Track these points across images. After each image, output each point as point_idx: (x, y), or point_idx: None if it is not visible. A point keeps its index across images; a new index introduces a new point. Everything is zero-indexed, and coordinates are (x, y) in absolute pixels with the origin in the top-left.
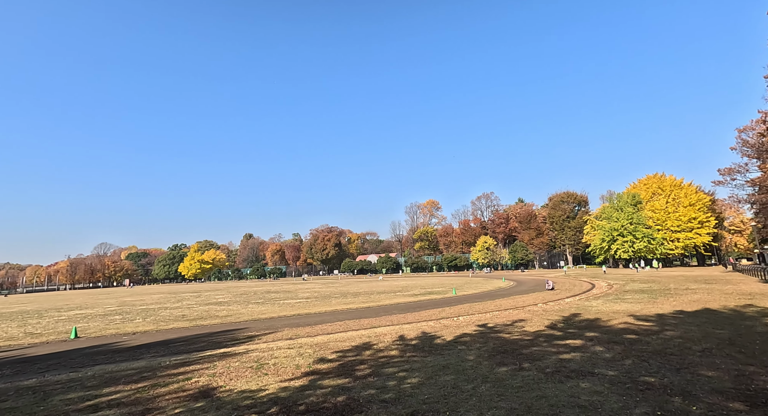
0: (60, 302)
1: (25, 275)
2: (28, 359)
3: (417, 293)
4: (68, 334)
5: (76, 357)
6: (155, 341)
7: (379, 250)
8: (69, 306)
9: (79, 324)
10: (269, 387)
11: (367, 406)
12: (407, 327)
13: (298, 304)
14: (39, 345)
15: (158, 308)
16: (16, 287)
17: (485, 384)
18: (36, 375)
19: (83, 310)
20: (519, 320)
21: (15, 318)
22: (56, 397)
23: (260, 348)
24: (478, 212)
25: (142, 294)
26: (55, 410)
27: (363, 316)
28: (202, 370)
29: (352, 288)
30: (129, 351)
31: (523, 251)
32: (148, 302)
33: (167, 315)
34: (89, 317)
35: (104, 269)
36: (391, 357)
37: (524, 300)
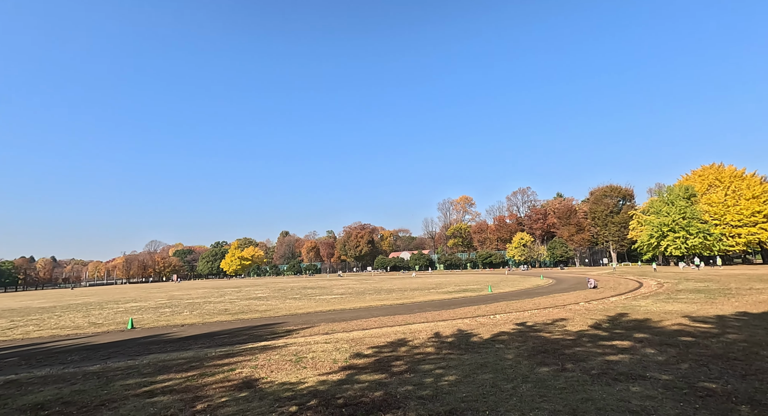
0: (117, 295)
1: (87, 270)
2: (92, 346)
3: (451, 291)
4: (125, 325)
5: (132, 346)
6: (201, 333)
7: (411, 247)
8: (125, 299)
9: (135, 316)
10: (308, 380)
11: (404, 402)
12: (442, 324)
13: (334, 300)
14: (101, 334)
15: (203, 302)
16: (81, 281)
17: (526, 384)
18: (99, 361)
19: (137, 303)
20: (560, 319)
21: (80, 309)
22: (117, 382)
23: (298, 342)
24: (514, 207)
25: (188, 289)
26: (117, 394)
27: (397, 313)
28: (245, 362)
29: (386, 285)
30: (178, 341)
31: (562, 248)
32: (193, 296)
33: (211, 308)
34: (143, 309)
35: (154, 265)
36: (427, 354)
37: (564, 299)
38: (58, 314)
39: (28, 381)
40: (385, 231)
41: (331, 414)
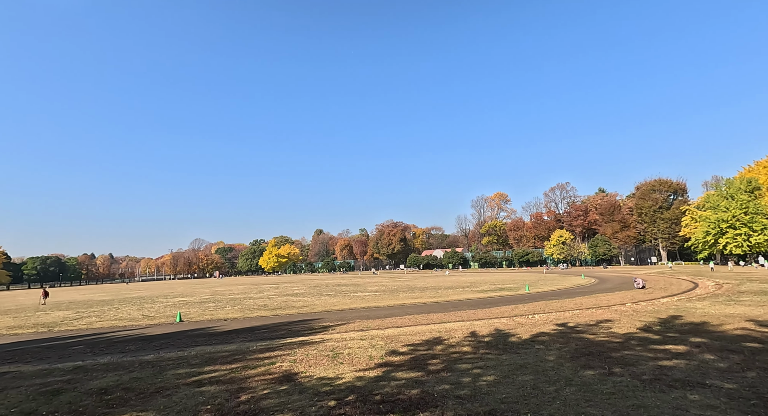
0: (166, 290)
1: (140, 267)
2: (146, 337)
3: (486, 289)
4: (174, 318)
5: (181, 338)
6: (243, 327)
7: (444, 245)
8: (173, 294)
9: (182, 310)
10: (345, 376)
11: (442, 401)
12: (478, 323)
13: (368, 297)
14: (153, 326)
15: (243, 298)
16: (134, 277)
17: (569, 387)
18: (153, 351)
19: (184, 297)
20: (604, 320)
21: (135, 302)
22: (169, 371)
23: (334, 338)
24: (552, 204)
25: (230, 285)
26: (169, 382)
27: (431, 311)
28: (284, 356)
29: (419, 283)
30: (222, 335)
31: (605, 246)
32: (234, 292)
33: (251, 304)
34: (189, 304)
35: (198, 262)
36: (464, 353)
37: (609, 299)
38: (116, 306)
39: (93, 368)
40: (418, 229)
41: (369, 410)
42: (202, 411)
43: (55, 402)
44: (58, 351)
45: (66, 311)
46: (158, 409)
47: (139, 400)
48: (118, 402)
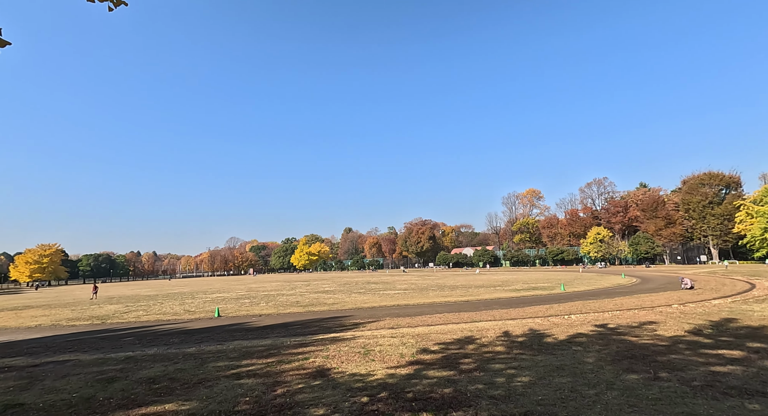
0: (204, 286)
1: (180, 264)
2: (187, 331)
3: (519, 289)
4: (213, 313)
5: (220, 333)
6: (277, 323)
7: (474, 243)
8: (211, 290)
9: (220, 305)
10: (377, 373)
11: (475, 401)
12: (511, 323)
13: (397, 295)
14: (194, 320)
15: (277, 295)
16: (176, 273)
17: (611, 392)
18: (194, 344)
19: (221, 294)
20: (648, 322)
21: (177, 297)
22: (210, 364)
23: (365, 335)
24: (589, 200)
25: (263, 282)
26: (210, 374)
27: (462, 310)
28: (317, 352)
29: (449, 281)
30: (258, 330)
31: (647, 244)
32: (268, 288)
33: (284, 300)
34: (226, 299)
35: (234, 260)
36: (497, 353)
37: (653, 300)
38: (160, 301)
39: (142, 358)
40: (447, 227)
41: (402, 407)
42: (241, 403)
43: (110, 388)
44: (111, 341)
45: (117, 305)
46: (201, 399)
47: (184, 390)
48: (165, 391)
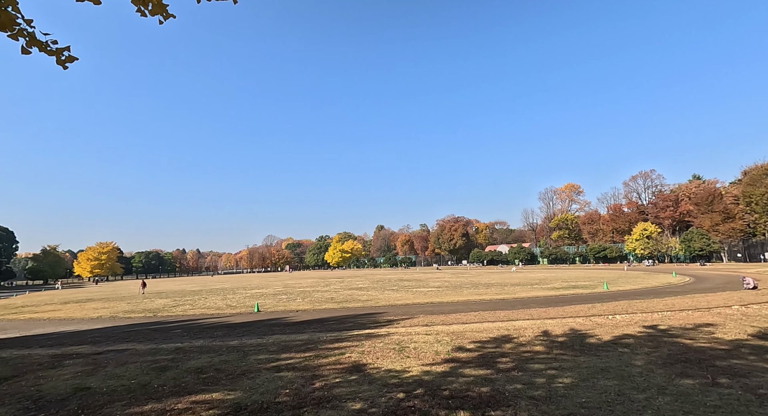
0: (244, 282)
1: (221, 261)
2: (230, 325)
3: (558, 287)
4: (253, 308)
5: (260, 327)
6: (313, 319)
7: (509, 240)
8: (250, 286)
9: (259, 301)
10: (412, 370)
11: (514, 401)
12: (551, 322)
13: (430, 292)
14: (235, 315)
15: (312, 291)
16: (217, 270)
17: (663, 397)
18: (237, 338)
19: (260, 289)
20: (705, 324)
21: (219, 293)
22: (251, 356)
23: (400, 332)
24: (634, 194)
25: (299, 278)
26: (252, 366)
27: (498, 308)
28: (353, 347)
29: (483, 279)
30: (295, 325)
31: (702, 241)
32: (303, 285)
33: (320, 296)
34: (264, 295)
35: (271, 257)
36: (536, 353)
37: (709, 300)
38: (204, 296)
39: (190, 349)
40: (481, 224)
41: (438, 404)
42: (281, 395)
43: (162, 377)
44: (162, 333)
45: (166, 299)
46: (245, 389)
47: (229, 380)
48: (212, 380)
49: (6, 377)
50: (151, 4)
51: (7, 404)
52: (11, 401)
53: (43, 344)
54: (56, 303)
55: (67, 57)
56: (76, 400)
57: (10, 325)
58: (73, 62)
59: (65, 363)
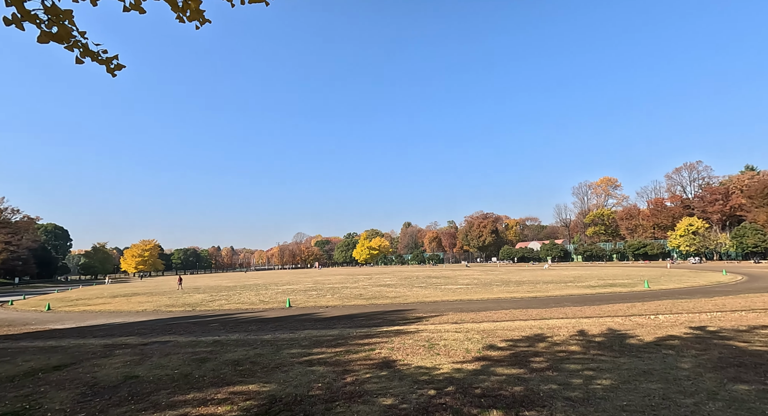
0: (276, 278)
1: (254, 257)
2: (263, 319)
3: (594, 285)
4: (284, 303)
5: (291, 322)
6: (342, 314)
7: (541, 236)
8: (281, 282)
9: (290, 296)
10: (443, 367)
11: (549, 401)
12: (587, 321)
13: (459, 290)
14: (268, 310)
15: (341, 287)
16: (250, 266)
17: (714, 402)
18: (270, 332)
19: (290, 285)
20: (761, 326)
21: (252, 288)
22: (284, 350)
23: (429, 329)
24: (677, 187)
25: (328, 275)
26: (285, 360)
27: (530, 306)
28: (382, 343)
29: (514, 276)
30: (325, 320)
31: (756, 236)
32: (333, 281)
33: (348, 293)
34: (295, 291)
35: (300, 254)
36: (571, 353)
37: (766, 301)
38: (238, 292)
39: (227, 342)
40: (511, 220)
41: (470, 402)
42: (314, 388)
43: (203, 367)
44: (201, 326)
45: (203, 294)
46: (279, 382)
47: (264, 373)
48: (248, 373)
49: (66, 364)
50: (189, 10)
51: (68, 388)
52: (71, 386)
53: (96, 334)
54: (106, 297)
55: (115, 65)
56: (126, 387)
57: (67, 316)
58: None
59: (116, 352)
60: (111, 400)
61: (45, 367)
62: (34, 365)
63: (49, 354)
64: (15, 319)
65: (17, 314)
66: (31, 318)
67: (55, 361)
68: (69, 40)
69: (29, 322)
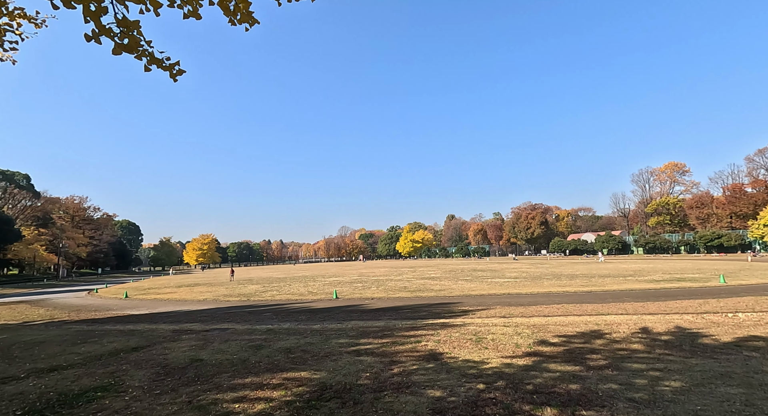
0: (322, 271)
1: (301, 250)
2: (312, 310)
3: (658, 279)
4: (331, 295)
5: (338, 313)
6: (387, 306)
7: (596, 227)
8: (328, 274)
9: (337, 288)
10: (491, 361)
11: (609, 401)
12: (650, 318)
13: (507, 283)
14: (316, 301)
15: (385, 280)
16: (298, 259)
17: None
18: (319, 322)
19: (337, 277)
20: None
21: (301, 280)
22: (333, 340)
23: (476, 322)
24: (761, 171)
25: (372, 268)
26: (334, 349)
27: (584, 301)
28: (428, 336)
29: (566, 269)
30: (371, 312)
31: None
32: (377, 274)
33: (393, 285)
34: (341, 283)
35: (345, 247)
36: (633, 351)
37: None
38: (288, 283)
39: (279, 331)
40: (561, 211)
41: (521, 398)
42: (362, 378)
43: (258, 354)
44: (255, 315)
45: (256, 285)
46: (329, 370)
47: (314, 361)
48: (299, 360)
49: (142, 346)
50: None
51: (144, 368)
52: (146, 366)
53: (166, 320)
54: (172, 287)
55: (177, 71)
56: (193, 369)
57: (141, 304)
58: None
59: (182, 337)
60: (180, 380)
61: (125, 348)
62: (116, 346)
63: (128, 337)
64: (100, 305)
65: (101, 300)
66: (112, 305)
67: (133, 343)
68: (138, 49)
69: (111, 308)
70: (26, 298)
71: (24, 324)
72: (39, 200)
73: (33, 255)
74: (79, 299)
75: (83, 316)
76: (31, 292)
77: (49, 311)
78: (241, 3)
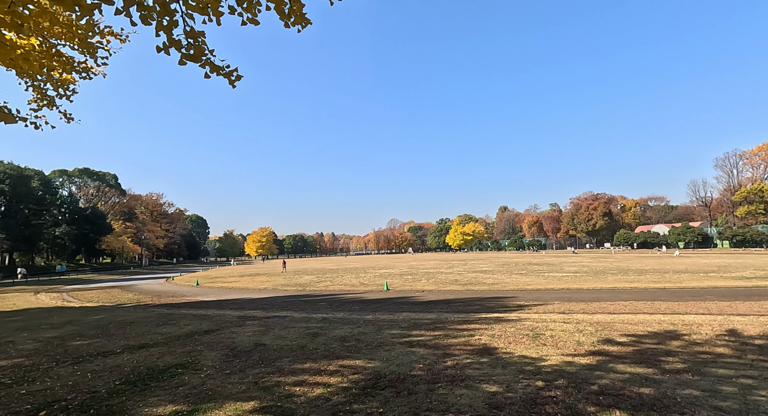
0: (372, 263)
1: (352, 243)
2: (364, 300)
3: (749, 276)
4: (382, 286)
5: (390, 304)
6: (438, 299)
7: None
8: (378, 266)
9: (387, 280)
10: (550, 359)
11: (690, 409)
12: (739, 319)
13: (565, 278)
14: (368, 292)
15: (436, 272)
16: (349, 251)
17: None
18: (371, 312)
19: (387, 269)
20: None
21: (352, 272)
22: (385, 331)
23: (532, 318)
24: None
25: (422, 260)
26: (386, 340)
27: (656, 298)
28: (482, 330)
29: (634, 264)
30: (422, 304)
31: None
32: (427, 266)
33: (443, 278)
34: (391, 275)
35: (394, 240)
36: (718, 355)
37: None
38: (340, 274)
39: (334, 320)
40: (628, 201)
41: (585, 399)
42: (416, 369)
43: (315, 341)
44: (311, 305)
45: (311, 276)
46: (382, 360)
47: (368, 350)
48: (354, 349)
49: (212, 329)
50: (294, 16)
51: (215, 349)
52: (217, 347)
53: (231, 307)
54: (236, 276)
55: (236, 77)
56: (257, 353)
57: (210, 291)
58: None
59: (246, 323)
60: (247, 362)
61: (199, 331)
62: (191, 328)
63: (200, 321)
64: (176, 291)
65: (177, 287)
66: (186, 291)
67: (205, 326)
68: (201, 58)
69: (185, 294)
70: (117, 283)
71: (117, 306)
72: (125, 197)
73: (121, 246)
74: (159, 285)
75: (163, 301)
76: (121, 278)
77: (136, 295)
78: (296, 5)
